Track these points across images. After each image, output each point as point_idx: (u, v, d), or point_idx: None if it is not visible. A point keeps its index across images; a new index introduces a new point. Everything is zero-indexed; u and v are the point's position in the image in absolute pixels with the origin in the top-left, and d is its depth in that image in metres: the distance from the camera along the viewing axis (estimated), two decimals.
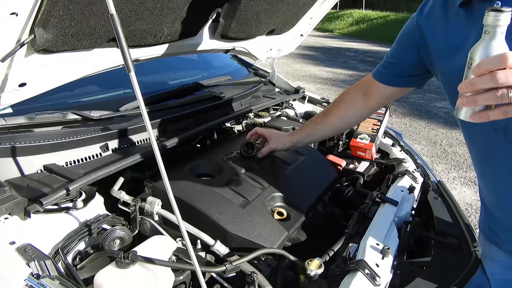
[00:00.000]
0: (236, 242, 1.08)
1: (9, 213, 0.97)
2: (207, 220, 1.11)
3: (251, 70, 2.38)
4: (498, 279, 1.11)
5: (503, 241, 1.05)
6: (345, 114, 1.36)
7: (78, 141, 1.25)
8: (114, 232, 1.05)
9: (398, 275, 1.12)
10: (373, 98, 1.28)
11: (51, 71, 1.13)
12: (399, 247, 1.21)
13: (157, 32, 1.26)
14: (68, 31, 1.00)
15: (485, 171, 1.04)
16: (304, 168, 1.48)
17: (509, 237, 1.03)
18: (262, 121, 1.92)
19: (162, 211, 1.14)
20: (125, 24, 1.12)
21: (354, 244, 1.15)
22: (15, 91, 1.09)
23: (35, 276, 0.82)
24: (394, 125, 5.38)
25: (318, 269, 0.99)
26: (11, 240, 0.90)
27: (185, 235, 0.79)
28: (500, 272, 1.09)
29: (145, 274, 0.92)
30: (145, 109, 0.74)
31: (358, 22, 18.76)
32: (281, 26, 1.81)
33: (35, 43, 0.96)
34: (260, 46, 1.95)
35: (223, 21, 1.47)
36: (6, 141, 1.13)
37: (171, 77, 2.02)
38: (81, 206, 1.08)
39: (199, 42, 1.54)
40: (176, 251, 1.03)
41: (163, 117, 1.52)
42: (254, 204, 1.20)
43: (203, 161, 1.42)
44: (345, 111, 1.35)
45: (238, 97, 1.91)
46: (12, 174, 1.12)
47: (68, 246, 0.97)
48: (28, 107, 1.30)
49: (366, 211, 1.35)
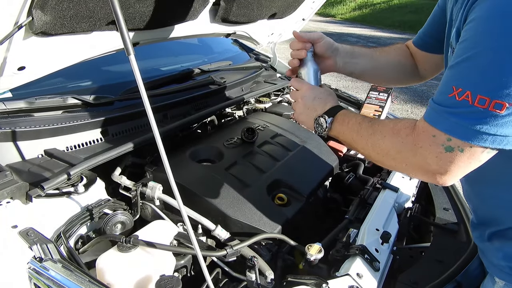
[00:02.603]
0: (237, 227, 1.09)
1: (11, 197, 0.97)
2: (208, 205, 1.12)
3: (252, 55, 2.35)
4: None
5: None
6: (402, 60, 1.18)
7: (79, 126, 1.25)
8: (116, 217, 1.05)
9: (397, 260, 1.13)
10: (419, 65, 1.19)
11: (50, 54, 1.11)
12: (399, 233, 1.22)
13: (157, 15, 1.24)
14: (67, 13, 0.98)
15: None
16: (305, 154, 1.48)
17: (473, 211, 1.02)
18: (263, 107, 1.91)
19: (163, 196, 1.15)
20: (125, 6, 1.10)
21: (354, 230, 1.15)
22: (14, 75, 1.08)
23: (37, 259, 0.83)
24: (395, 111, 5.36)
25: (318, 254, 1.00)
26: (14, 224, 0.91)
27: (186, 220, 0.79)
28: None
29: (146, 258, 0.92)
30: (146, 93, 0.73)
31: (361, 7, 18.46)
32: (283, 9, 1.78)
33: (33, 25, 0.94)
34: (261, 30, 1.92)
35: (224, 4, 1.45)
36: (6, 125, 1.13)
37: (171, 61, 2.00)
38: (82, 190, 1.08)
39: (199, 26, 1.51)
40: (177, 236, 1.04)
41: (164, 102, 1.51)
42: (255, 190, 1.21)
43: (204, 146, 1.42)
44: (401, 56, 1.19)
45: (239, 82, 1.89)
46: (13, 159, 1.12)
47: (70, 230, 0.98)
48: (28, 91, 1.29)
49: (367, 197, 1.36)
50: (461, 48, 0.66)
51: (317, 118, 0.94)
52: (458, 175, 0.70)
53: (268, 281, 0.96)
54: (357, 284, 0.93)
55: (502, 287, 0.88)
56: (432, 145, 0.69)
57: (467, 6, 0.68)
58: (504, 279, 0.87)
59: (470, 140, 0.64)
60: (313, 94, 0.98)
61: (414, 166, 0.74)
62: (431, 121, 0.70)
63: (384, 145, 0.78)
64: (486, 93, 0.61)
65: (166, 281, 0.83)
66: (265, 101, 1.93)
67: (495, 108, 0.61)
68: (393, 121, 0.80)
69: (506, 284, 0.87)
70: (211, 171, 1.25)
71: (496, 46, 0.61)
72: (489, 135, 0.63)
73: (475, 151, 0.66)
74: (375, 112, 1.85)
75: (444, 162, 0.68)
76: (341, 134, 0.91)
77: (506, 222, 0.86)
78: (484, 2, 0.64)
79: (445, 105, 0.67)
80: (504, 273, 0.86)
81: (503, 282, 0.87)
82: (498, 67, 0.60)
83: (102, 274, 0.89)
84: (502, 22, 0.60)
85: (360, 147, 0.86)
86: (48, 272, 0.81)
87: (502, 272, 0.87)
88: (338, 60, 1.11)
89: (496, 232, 0.89)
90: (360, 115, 0.89)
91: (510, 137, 0.63)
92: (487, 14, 0.63)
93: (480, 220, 0.96)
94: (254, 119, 1.71)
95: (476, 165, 0.69)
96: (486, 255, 0.94)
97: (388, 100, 1.89)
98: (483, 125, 0.62)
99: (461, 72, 0.66)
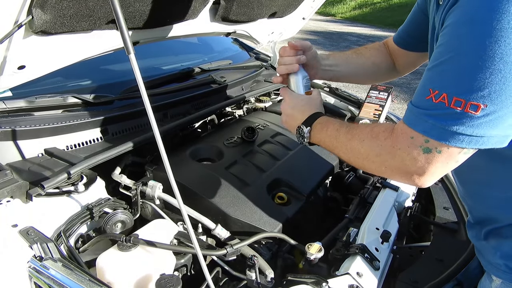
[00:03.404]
0: (237, 226, 1.09)
1: (11, 196, 0.97)
2: (208, 204, 1.12)
3: (252, 54, 2.35)
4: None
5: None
6: (376, 60, 1.24)
7: (79, 125, 1.25)
8: (116, 216, 1.05)
9: (397, 259, 1.13)
10: (397, 62, 1.24)
11: (50, 53, 1.11)
12: (399, 232, 1.22)
13: (157, 14, 1.24)
14: (67, 12, 0.98)
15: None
16: (305, 153, 1.48)
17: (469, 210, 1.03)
18: (263, 106, 1.91)
19: (163, 195, 1.15)
20: (124, 5, 1.10)
21: (354, 229, 1.15)
22: (14, 74, 1.08)
23: (38, 258, 0.83)
24: (396, 110, 5.36)
25: (318, 253, 1.00)
26: (14, 223, 0.91)
27: (186, 219, 0.79)
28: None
29: (146, 257, 0.93)
30: (146, 92, 0.73)
31: (361, 6, 18.44)
32: (283, 8, 1.77)
33: (33, 24, 0.94)
34: (261, 29, 1.92)
35: (224, 3, 1.45)
36: (6, 124, 1.13)
37: (171, 60, 2.00)
38: (82, 189, 1.08)
39: (199, 25, 1.51)
40: (177, 235, 1.04)
41: (164, 101, 1.51)
42: (255, 189, 1.21)
43: (204, 145, 1.42)
44: (375, 57, 1.24)
45: (239, 81, 1.89)
46: (13, 158, 1.12)
47: (70, 229, 0.98)
48: (28, 90, 1.29)
49: (367, 196, 1.36)
50: (438, 52, 0.68)
51: (297, 128, 0.96)
52: (435, 176, 0.72)
53: (268, 280, 0.96)
54: (357, 283, 0.93)
55: (499, 285, 0.88)
56: (410, 147, 0.70)
57: (444, 12, 0.70)
58: (501, 277, 0.87)
59: (447, 141, 0.66)
60: (292, 103, 1.00)
61: (393, 168, 0.75)
62: (409, 123, 0.71)
63: (363, 149, 0.79)
64: (462, 95, 0.63)
65: (166, 280, 0.83)
66: (265, 100, 1.93)
67: (471, 109, 0.62)
68: (370, 125, 0.82)
69: (503, 282, 0.87)
70: (211, 170, 1.25)
71: (467, 50, 0.63)
72: (465, 136, 0.64)
73: (452, 151, 0.67)
74: (375, 111, 1.85)
75: (422, 163, 0.69)
76: (321, 142, 0.92)
77: (501, 220, 0.86)
78: (457, 9, 0.66)
79: (423, 107, 0.68)
80: (501, 271, 0.87)
81: (500, 280, 0.88)
82: (471, 70, 0.62)
83: (102, 273, 0.89)
84: (472, 27, 0.62)
85: (341, 153, 0.87)
86: (48, 271, 0.81)
87: (499, 270, 0.87)
88: (319, 68, 1.15)
89: (492, 231, 0.90)
90: (338, 121, 0.90)
91: (485, 137, 0.64)
92: (459, 20, 0.65)
93: (476, 220, 0.96)
94: (254, 118, 1.71)
95: (453, 165, 0.70)
96: (482, 254, 0.94)
97: (388, 99, 1.88)
98: (459, 126, 0.64)
99: (437, 75, 0.68)
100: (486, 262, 0.93)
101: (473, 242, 1.01)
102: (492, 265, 0.89)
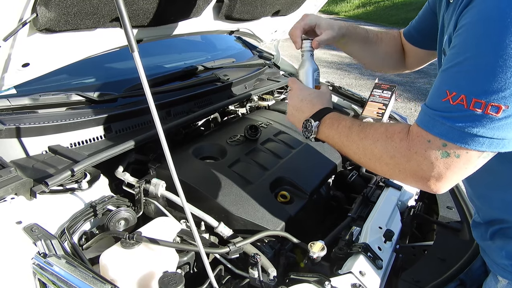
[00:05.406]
0: (240, 224, 1.09)
1: (15, 193, 0.98)
2: (211, 202, 1.12)
3: (255, 53, 2.35)
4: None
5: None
6: (390, 50, 1.21)
7: (82, 123, 1.25)
8: (119, 213, 1.06)
9: (400, 258, 1.13)
10: (406, 55, 1.22)
11: (54, 51, 1.12)
12: (402, 231, 1.22)
13: (161, 12, 1.24)
14: (71, 10, 0.98)
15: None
16: (308, 151, 1.48)
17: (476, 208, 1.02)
18: (267, 104, 1.91)
19: (166, 193, 1.15)
20: (128, 3, 1.10)
21: (357, 228, 1.15)
22: (19, 72, 1.09)
23: (42, 255, 0.84)
24: (399, 109, 5.34)
25: (321, 251, 1.00)
26: (18, 220, 0.91)
27: (189, 217, 0.79)
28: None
29: (149, 255, 0.93)
30: (149, 90, 0.73)
31: (365, 4, 18.35)
32: (287, 7, 1.77)
33: (37, 22, 0.95)
34: (265, 27, 1.91)
35: (228, 1, 1.44)
36: (10, 122, 1.13)
37: (175, 59, 2.00)
38: (86, 187, 1.09)
39: (203, 23, 1.51)
40: (180, 233, 1.04)
41: (167, 99, 1.51)
42: (258, 187, 1.21)
43: (207, 143, 1.42)
44: (390, 46, 1.21)
45: (242, 79, 1.89)
46: (17, 155, 1.12)
47: (74, 226, 0.99)
48: (32, 88, 1.29)
49: (370, 195, 1.36)
50: (453, 53, 0.66)
51: (305, 121, 0.91)
52: (452, 182, 0.69)
53: (270, 278, 0.96)
54: (360, 282, 0.93)
55: (506, 285, 0.87)
56: (428, 151, 0.67)
57: (457, 12, 0.68)
58: (507, 278, 0.86)
59: (467, 144, 0.63)
60: (302, 95, 0.96)
61: (408, 172, 0.72)
62: (424, 126, 0.68)
63: (377, 150, 0.76)
64: (482, 96, 0.60)
65: (169, 277, 0.83)
66: (268, 99, 1.93)
67: (491, 111, 0.60)
68: (385, 125, 0.78)
69: (509, 283, 0.86)
70: (214, 169, 1.25)
71: (485, 49, 0.60)
72: (486, 139, 0.62)
73: (471, 155, 0.64)
74: (378, 110, 1.84)
75: (439, 168, 0.66)
76: (329, 138, 0.88)
77: (508, 221, 0.85)
78: (472, 9, 0.64)
79: (439, 110, 0.66)
80: (507, 271, 0.86)
81: (506, 280, 0.87)
82: (491, 70, 0.60)
83: (106, 270, 0.90)
84: (488, 27, 0.60)
85: (351, 152, 0.83)
86: (52, 267, 0.81)
87: (505, 270, 0.86)
88: (341, 40, 1.11)
89: (499, 231, 0.89)
90: (350, 118, 0.87)
91: (506, 140, 0.62)
92: (475, 20, 0.63)
93: (483, 220, 0.95)
94: (257, 116, 1.71)
95: (471, 170, 0.67)
96: (488, 254, 0.94)
97: (391, 98, 1.87)
98: (480, 129, 0.61)
99: (454, 76, 0.66)
100: (491, 263, 0.92)
101: (478, 242, 1.00)
102: (498, 266, 0.89)
